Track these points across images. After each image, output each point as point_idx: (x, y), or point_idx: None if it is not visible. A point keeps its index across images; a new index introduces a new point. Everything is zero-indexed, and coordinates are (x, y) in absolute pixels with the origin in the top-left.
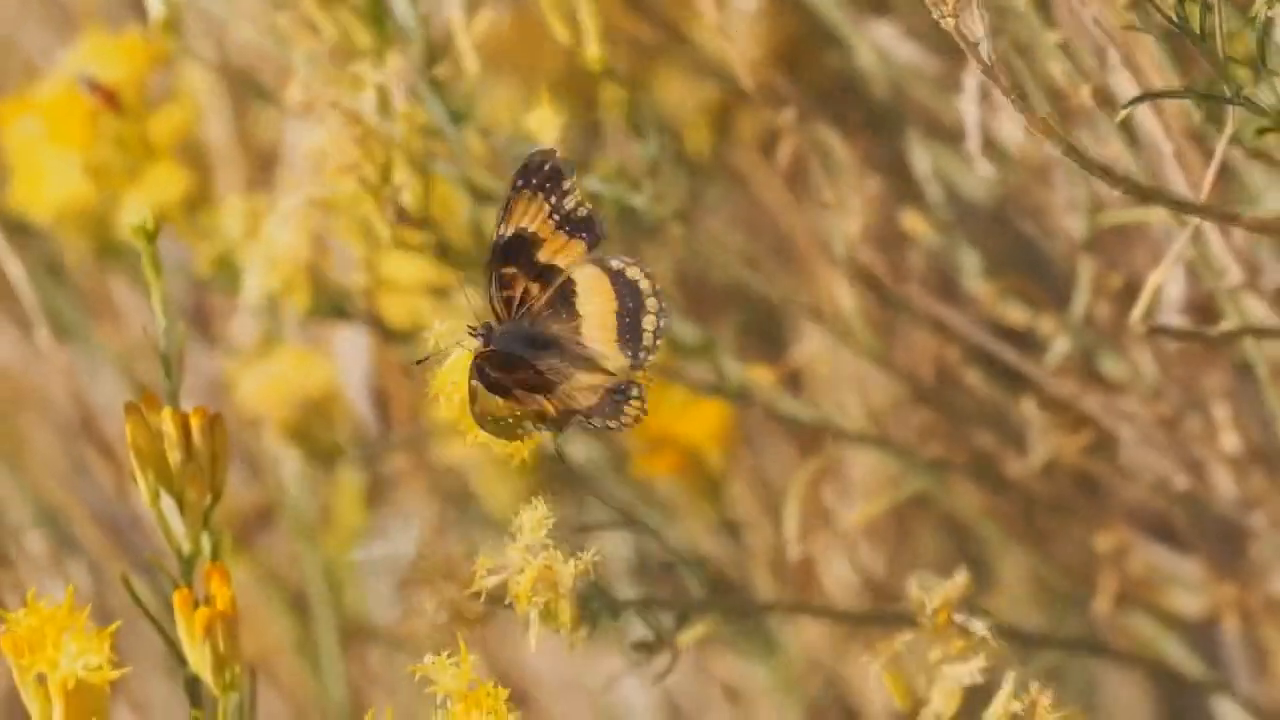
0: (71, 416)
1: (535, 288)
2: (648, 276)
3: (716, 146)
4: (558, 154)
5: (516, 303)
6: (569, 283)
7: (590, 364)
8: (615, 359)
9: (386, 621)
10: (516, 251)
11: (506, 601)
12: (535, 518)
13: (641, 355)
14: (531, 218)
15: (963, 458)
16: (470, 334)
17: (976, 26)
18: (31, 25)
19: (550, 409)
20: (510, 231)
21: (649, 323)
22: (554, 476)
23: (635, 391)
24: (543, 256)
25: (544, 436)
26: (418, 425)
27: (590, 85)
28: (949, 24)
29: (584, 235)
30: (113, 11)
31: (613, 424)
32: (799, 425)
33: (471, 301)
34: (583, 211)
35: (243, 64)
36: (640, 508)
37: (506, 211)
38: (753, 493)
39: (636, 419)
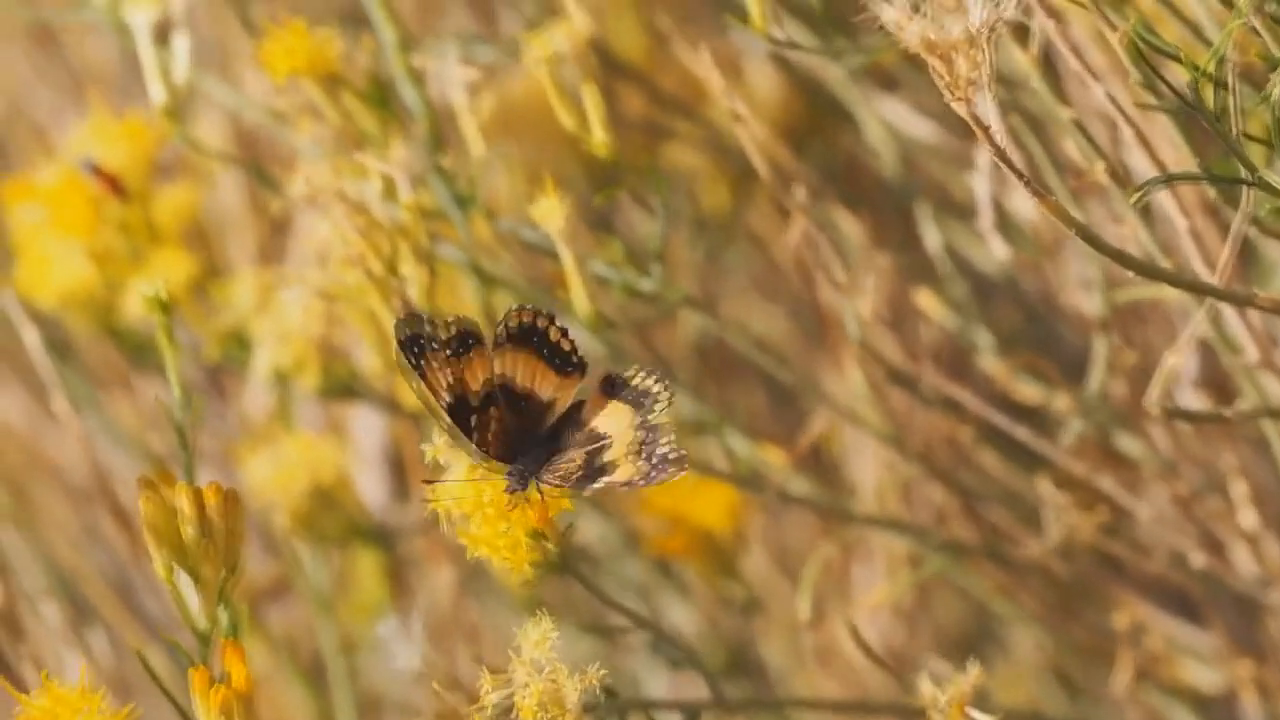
0: (86, 484)
1: (528, 420)
2: (660, 382)
3: (735, 208)
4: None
5: (514, 437)
6: (575, 412)
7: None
8: (630, 470)
9: (404, 696)
10: (491, 397)
11: (512, 717)
12: (539, 634)
13: (665, 471)
14: (522, 367)
15: (978, 537)
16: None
17: (989, 109)
18: (41, 90)
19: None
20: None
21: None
22: (568, 559)
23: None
24: (546, 395)
25: (544, 544)
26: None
27: (601, 162)
28: (961, 108)
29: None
30: (123, 76)
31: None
32: (811, 506)
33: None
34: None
35: (256, 141)
36: (655, 585)
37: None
38: (770, 566)
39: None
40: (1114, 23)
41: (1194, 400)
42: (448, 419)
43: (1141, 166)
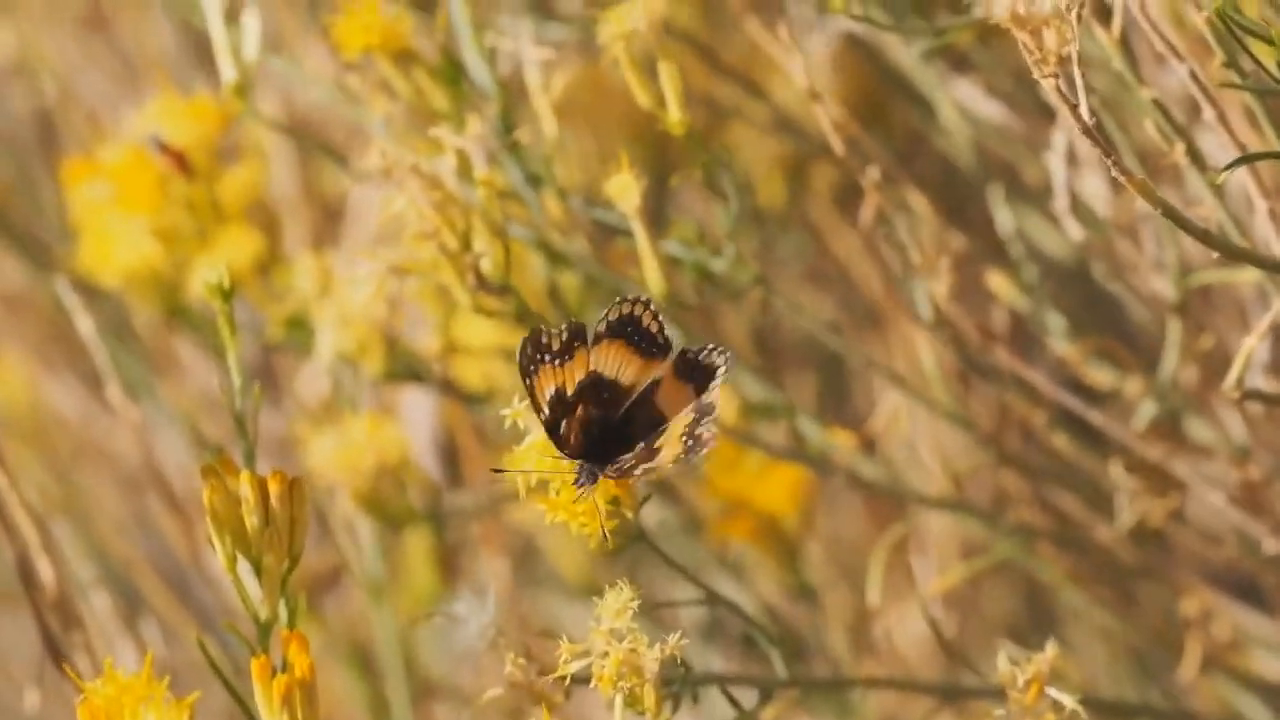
0: (139, 473)
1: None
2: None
3: (791, 200)
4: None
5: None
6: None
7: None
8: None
9: (457, 681)
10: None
11: (590, 685)
12: (619, 602)
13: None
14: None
15: (1046, 522)
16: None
17: (1077, 86)
18: (95, 77)
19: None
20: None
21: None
22: (629, 542)
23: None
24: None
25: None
26: (490, 488)
27: (665, 144)
28: (1049, 84)
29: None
30: (177, 63)
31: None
32: (878, 490)
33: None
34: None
35: (311, 123)
36: (716, 571)
37: (535, 391)
38: (830, 554)
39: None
40: (1199, 2)
41: (1265, 385)
42: (545, 425)
43: (1218, 150)
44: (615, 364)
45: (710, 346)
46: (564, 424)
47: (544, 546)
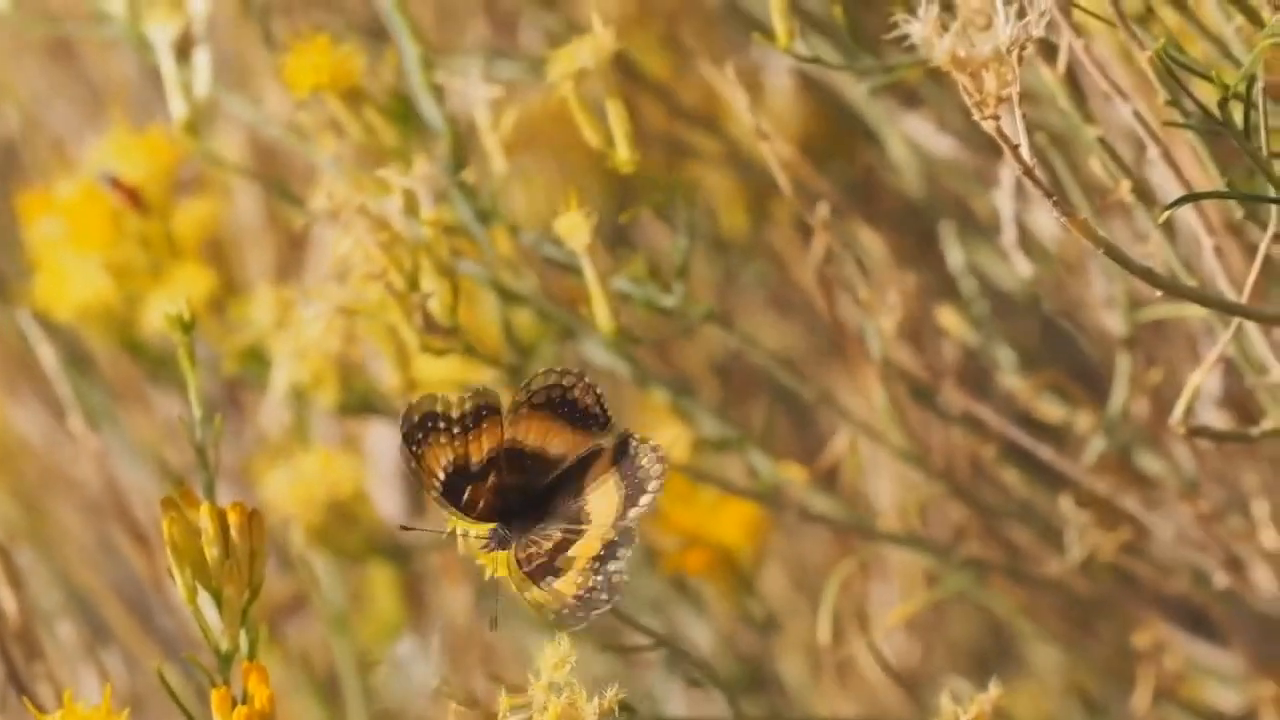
0: (103, 500)
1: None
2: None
3: (753, 227)
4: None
5: (504, 503)
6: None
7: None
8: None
9: (417, 712)
10: (461, 480)
11: None
12: (557, 656)
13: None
14: (449, 451)
15: (999, 556)
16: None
17: (1017, 127)
18: (60, 104)
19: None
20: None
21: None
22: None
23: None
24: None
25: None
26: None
27: (621, 179)
28: (989, 126)
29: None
30: (141, 93)
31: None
32: (832, 524)
33: None
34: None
35: (275, 155)
36: (673, 602)
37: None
38: (788, 583)
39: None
40: (1142, 41)
41: (1217, 419)
42: (439, 497)
43: (1164, 186)
44: (539, 435)
45: (653, 446)
46: (470, 490)
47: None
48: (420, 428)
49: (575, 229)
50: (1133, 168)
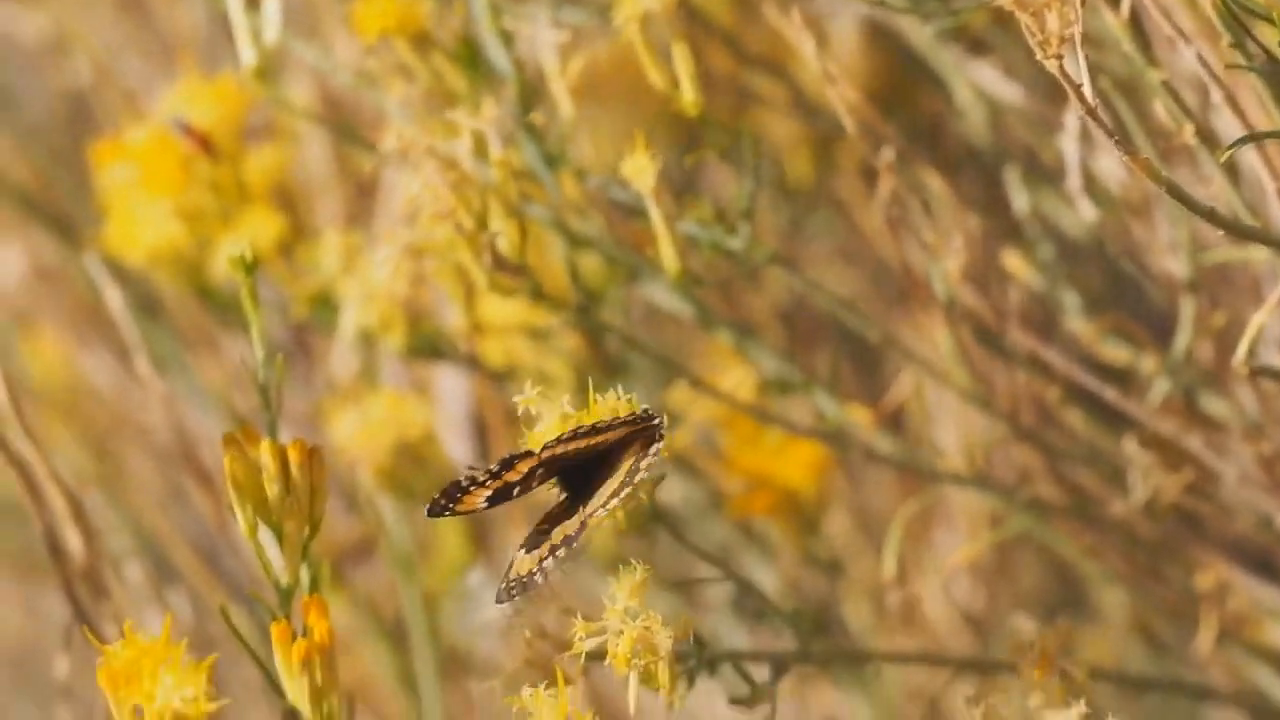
0: (170, 446)
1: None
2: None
3: (818, 175)
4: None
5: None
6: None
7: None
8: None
9: (485, 652)
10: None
11: (605, 662)
12: (632, 582)
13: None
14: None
15: (1063, 497)
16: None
17: (1080, 67)
18: (130, 56)
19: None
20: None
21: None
22: (651, 518)
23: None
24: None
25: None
26: None
27: (687, 123)
28: (1053, 65)
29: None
30: (211, 42)
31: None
32: (897, 465)
33: None
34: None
35: (344, 104)
36: (738, 546)
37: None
38: (852, 527)
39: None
40: None
41: (1279, 361)
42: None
43: (1228, 131)
44: (577, 448)
45: (658, 444)
46: (519, 488)
47: None
48: (445, 496)
49: (641, 171)
50: (1196, 113)
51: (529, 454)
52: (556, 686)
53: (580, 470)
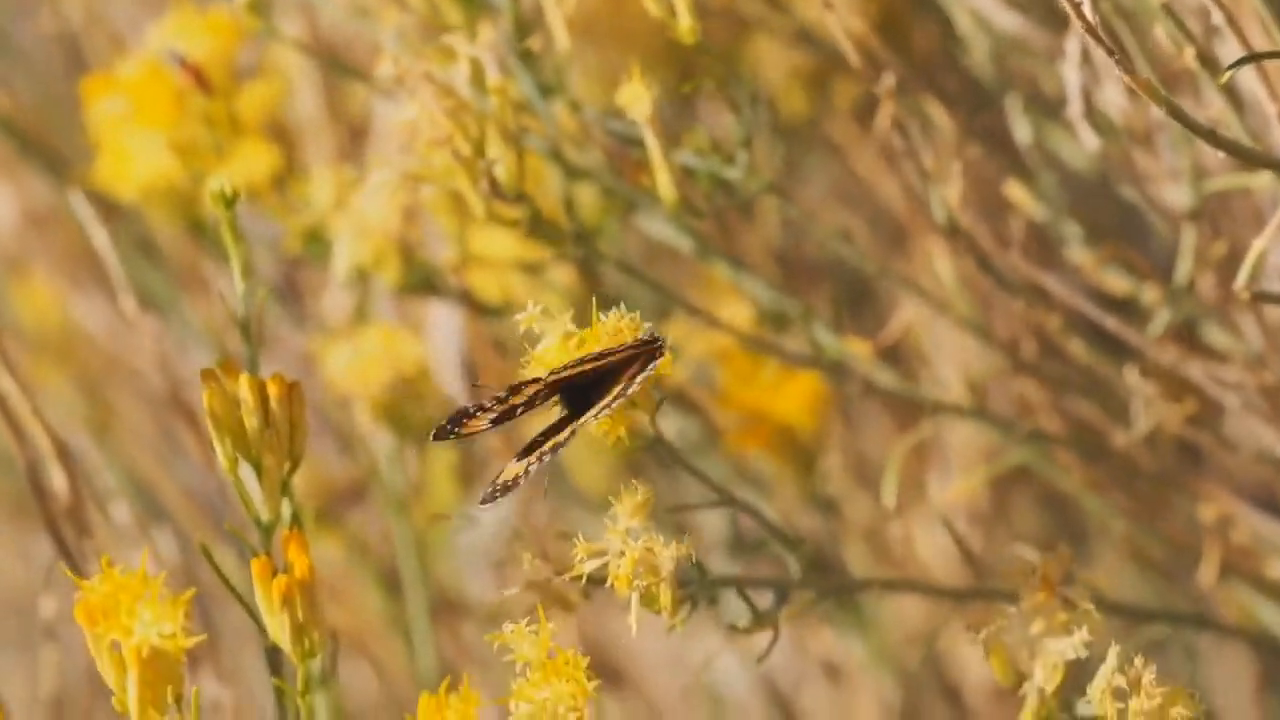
0: (159, 387)
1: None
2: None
3: (813, 114)
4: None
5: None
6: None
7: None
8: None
9: (478, 595)
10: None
11: (606, 584)
12: (634, 502)
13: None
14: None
15: (1064, 429)
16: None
17: None
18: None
19: None
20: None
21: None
22: (647, 452)
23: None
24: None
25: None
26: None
27: (683, 55)
28: None
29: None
30: None
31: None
32: (895, 398)
33: None
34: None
35: (331, 40)
36: (734, 483)
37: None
38: (847, 465)
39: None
40: None
41: None
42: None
43: (1231, 54)
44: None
45: (656, 339)
46: (523, 407)
47: (564, 460)
48: (453, 423)
49: (637, 99)
50: (1199, 38)
51: (535, 380)
52: (552, 612)
53: (581, 389)
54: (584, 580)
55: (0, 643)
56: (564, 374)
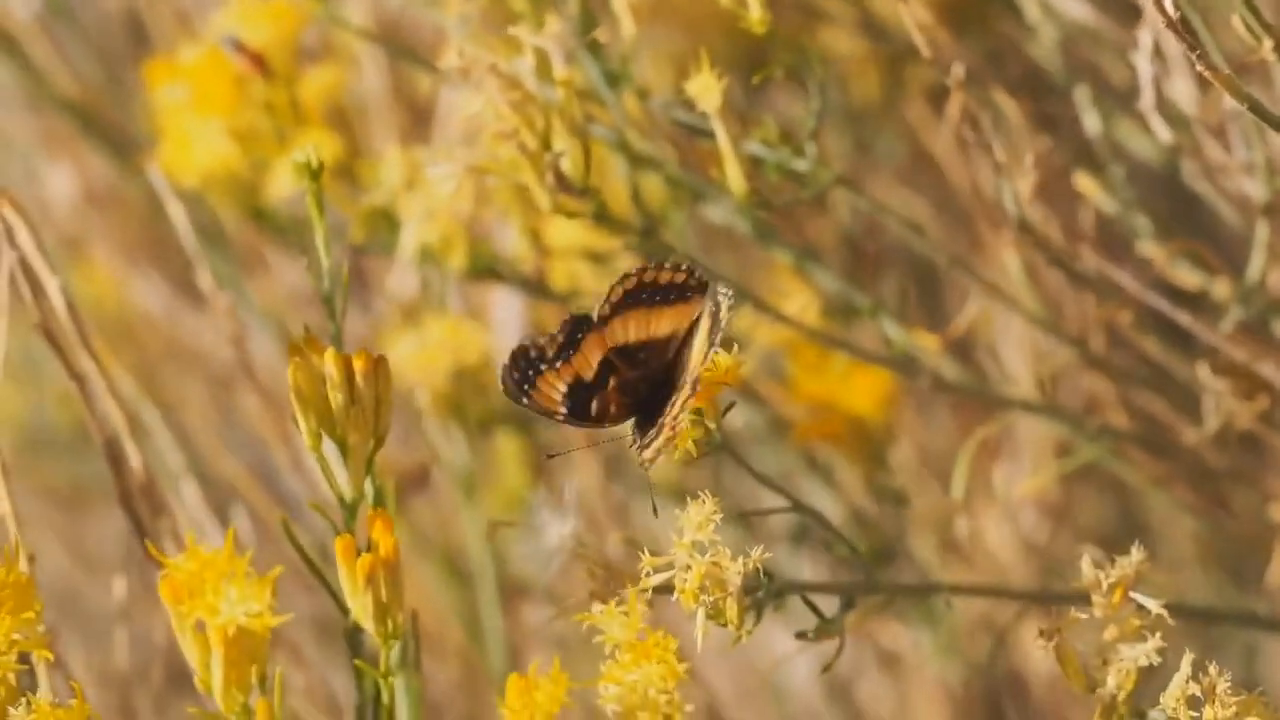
0: (226, 369)
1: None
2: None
3: (885, 98)
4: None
5: (633, 397)
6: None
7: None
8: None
9: (544, 580)
10: (580, 391)
11: (673, 598)
12: (701, 515)
13: (695, 279)
14: (554, 384)
15: (1134, 425)
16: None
17: None
18: None
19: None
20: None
21: (665, 275)
22: (712, 451)
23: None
24: (589, 375)
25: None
26: None
27: (748, 42)
28: None
29: (582, 333)
30: None
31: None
32: (964, 392)
33: None
34: (562, 335)
35: (400, 25)
36: (801, 474)
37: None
38: (917, 460)
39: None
40: None
41: None
42: (568, 420)
43: None
44: (639, 326)
45: (720, 290)
46: (596, 402)
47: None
48: (517, 368)
49: (707, 90)
50: (1275, 29)
51: (588, 318)
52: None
53: (649, 385)
54: (648, 594)
55: (72, 621)
56: (621, 292)
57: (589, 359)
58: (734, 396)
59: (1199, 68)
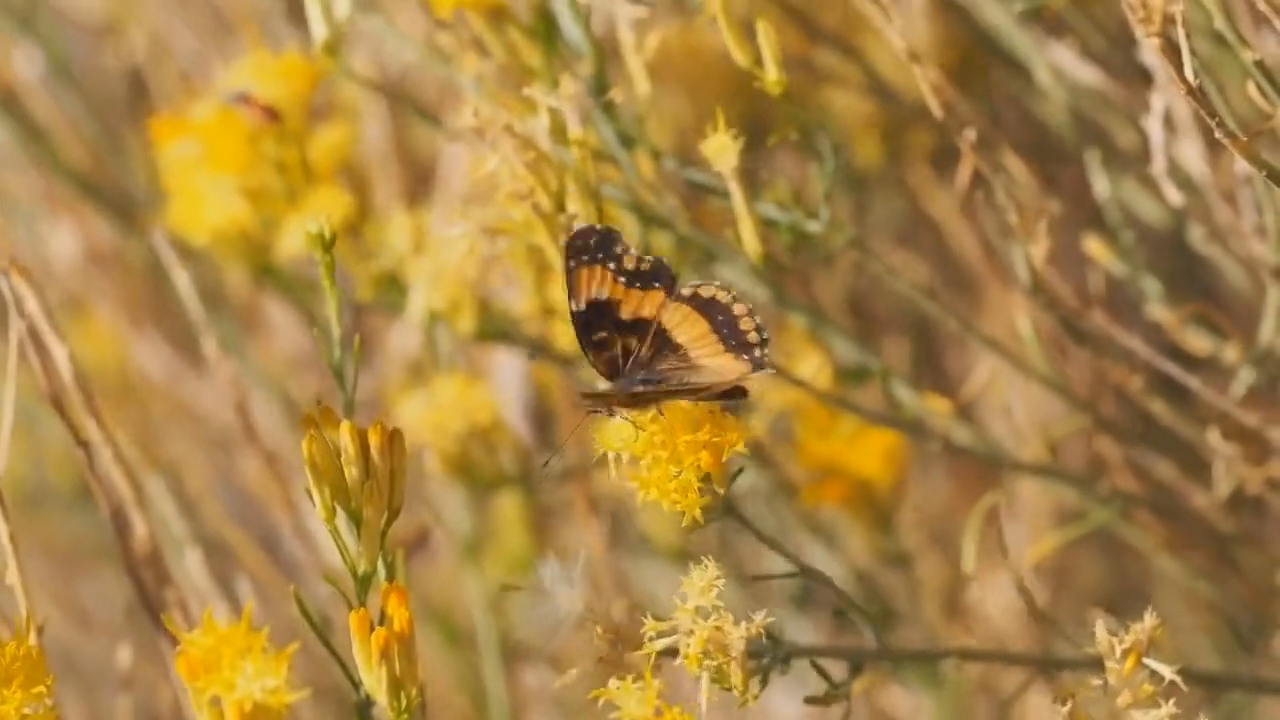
0: (226, 433)
1: (633, 342)
2: (722, 289)
3: (886, 163)
4: (599, 228)
5: (620, 359)
6: (661, 328)
7: (715, 371)
8: (736, 368)
9: (550, 644)
10: (599, 318)
11: (676, 662)
12: (705, 580)
13: (759, 353)
14: (600, 285)
15: (1143, 489)
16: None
17: (1180, 46)
18: (187, 35)
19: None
20: (583, 304)
21: (746, 324)
22: (719, 516)
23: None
24: (626, 315)
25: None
26: (582, 451)
27: (757, 106)
28: (1153, 43)
29: (657, 284)
30: (269, 19)
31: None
32: (971, 455)
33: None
34: (646, 265)
35: (402, 82)
36: (807, 538)
37: (572, 287)
38: (922, 523)
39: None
40: None
41: None
42: (573, 316)
43: None
44: (687, 329)
45: (718, 284)
46: (605, 336)
47: (636, 509)
48: (594, 245)
49: (723, 151)
50: None
51: (669, 270)
52: (635, 679)
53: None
54: (653, 659)
55: (69, 679)
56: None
57: (637, 305)
58: (744, 465)
59: (1218, 134)
